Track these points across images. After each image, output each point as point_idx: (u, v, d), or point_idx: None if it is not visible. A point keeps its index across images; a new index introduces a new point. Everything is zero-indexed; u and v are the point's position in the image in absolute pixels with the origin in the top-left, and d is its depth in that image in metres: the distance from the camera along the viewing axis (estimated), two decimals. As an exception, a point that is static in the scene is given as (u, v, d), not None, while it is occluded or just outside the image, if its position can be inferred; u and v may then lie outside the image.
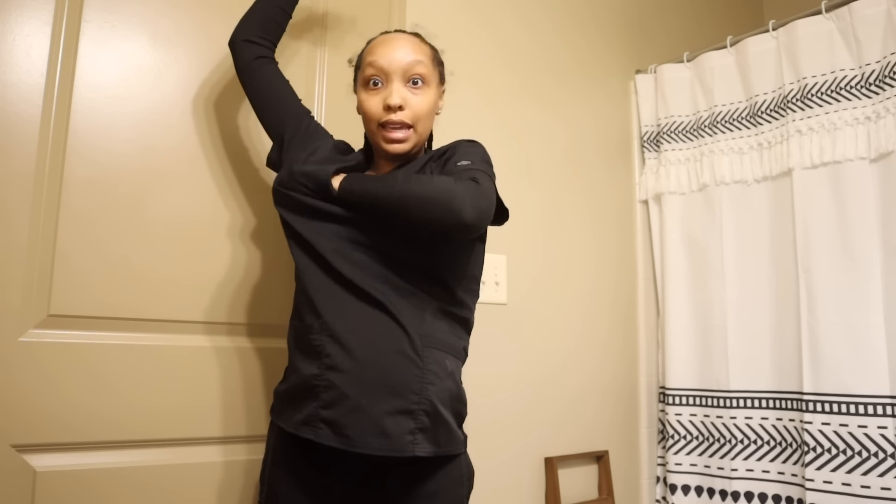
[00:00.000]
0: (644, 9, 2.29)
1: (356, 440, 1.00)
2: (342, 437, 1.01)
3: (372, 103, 1.12)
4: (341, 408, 1.01)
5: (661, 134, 2.11)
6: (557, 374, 1.88)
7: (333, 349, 1.03)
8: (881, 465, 1.58)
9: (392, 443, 1.01)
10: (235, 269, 1.37)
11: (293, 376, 1.09)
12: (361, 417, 1.01)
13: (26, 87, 1.20)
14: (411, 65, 1.11)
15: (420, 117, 1.12)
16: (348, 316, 1.05)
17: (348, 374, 1.02)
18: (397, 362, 1.03)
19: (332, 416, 1.02)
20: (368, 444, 1.00)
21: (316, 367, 1.04)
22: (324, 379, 1.03)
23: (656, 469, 2.05)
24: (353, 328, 1.04)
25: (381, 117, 1.11)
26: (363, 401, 1.01)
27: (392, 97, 1.09)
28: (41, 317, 1.18)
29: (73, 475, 1.18)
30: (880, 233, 1.65)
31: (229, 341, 1.36)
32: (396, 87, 1.10)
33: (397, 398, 1.01)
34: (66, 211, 1.21)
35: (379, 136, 1.12)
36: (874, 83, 1.69)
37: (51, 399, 1.18)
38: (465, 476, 1.12)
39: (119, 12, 1.30)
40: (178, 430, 1.29)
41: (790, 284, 1.79)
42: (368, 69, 1.13)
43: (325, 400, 1.02)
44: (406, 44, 1.14)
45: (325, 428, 1.02)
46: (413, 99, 1.11)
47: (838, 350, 1.66)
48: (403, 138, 1.11)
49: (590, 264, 2.01)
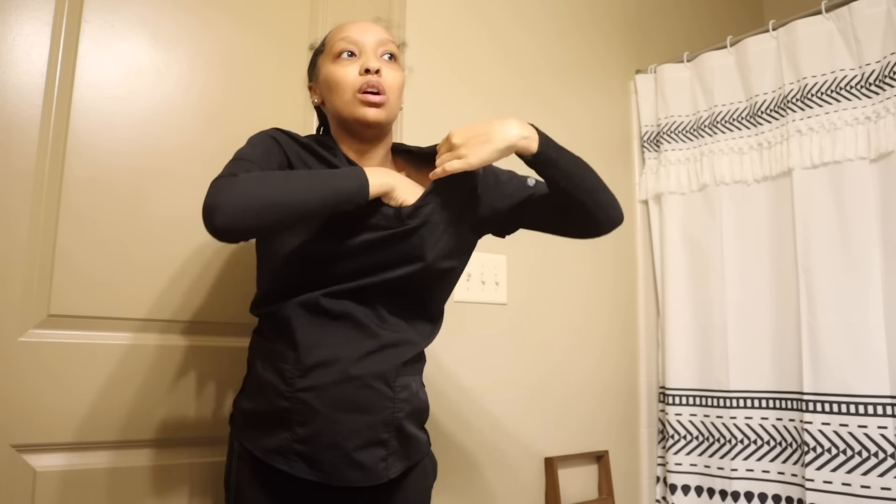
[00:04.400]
0: (644, 9, 2.29)
1: (332, 475, 1.01)
2: (318, 471, 1.01)
3: (346, 71, 1.07)
4: (316, 444, 1.00)
5: (661, 134, 2.11)
6: (557, 373, 1.88)
7: (307, 382, 1.01)
8: (881, 465, 1.58)
9: (367, 474, 1.02)
10: (236, 269, 1.37)
11: (260, 399, 1.05)
12: (336, 453, 1.00)
13: (26, 87, 1.20)
14: (384, 41, 1.11)
15: (393, 89, 1.09)
16: (325, 345, 1.03)
17: (322, 412, 1.00)
18: (371, 399, 1.02)
19: (306, 451, 1.01)
20: (345, 478, 1.01)
21: (287, 401, 1.01)
22: (297, 413, 1.01)
23: (656, 469, 2.05)
24: (329, 358, 1.02)
25: (359, 83, 1.06)
26: (338, 438, 1.00)
27: (371, 61, 1.06)
28: (41, 317, 1.19)
29: (73, 475, 1.19)
30: (880, 233, 1.65)
31: (230, 341, 1.36)
32: (372, 55, 1.09)
33: (370, 431, 1.02)
34: (66, 211, 1.21)
35: (355, 104, 1.07)
36: (874, 83, 1.69)
37: (51, 399, 1.18)
38: (430, 469, 1.16)
39: (119, 12, 1.30)
40: (178, 431, 1.29)
41: (790, 284, 1.79)
42: (341, 43, 1.09)
43: (300, 435, 1.00)
44: (376, 26, 1.14)
45: (299, 461, 1.01)
46: (387, 70, 1.10)
47: (838, 350, 1.66)
48: (381, 102, 1.07)
49: (590, 264, 2.01)
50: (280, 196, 0.92)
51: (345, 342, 1.03)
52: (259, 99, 1.44)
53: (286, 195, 0.93)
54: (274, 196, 0.92)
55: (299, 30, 1.50)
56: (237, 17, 1.43)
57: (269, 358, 1.06)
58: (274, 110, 1.45)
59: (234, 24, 1.43)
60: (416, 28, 1.69)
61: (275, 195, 0.92)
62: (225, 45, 1.41)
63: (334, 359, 1.02)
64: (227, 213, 0.89)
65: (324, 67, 1.12)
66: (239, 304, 1.37)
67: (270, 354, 1.06)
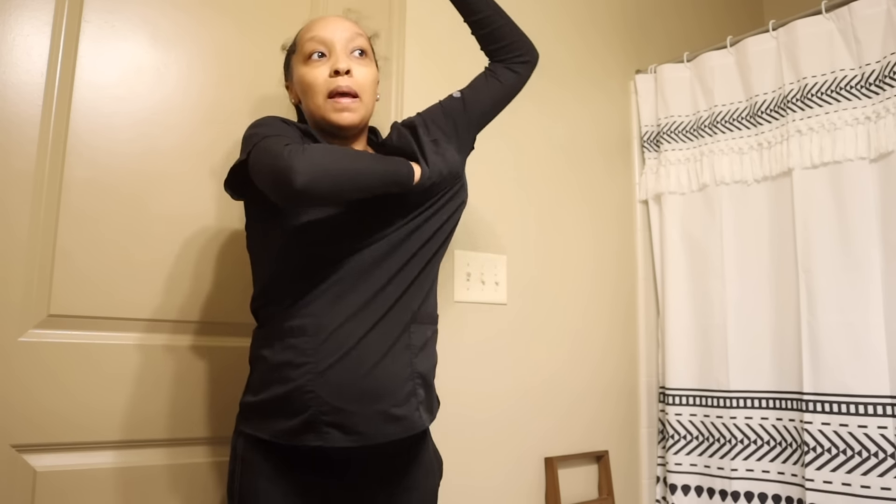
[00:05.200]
0: (644, 9, 2.29)
1: (370, 434, 1.02)
2: (354, 434, 1.01)
3: (317, 73, 1.09)
4: (348, 407, 1.01)
5: (661, 134, 2.11)
6: (557, 373, 1.88)
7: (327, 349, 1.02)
8: (881, 465, 1.58)
9: (404, 425, 1.04)
10: (236, 269, 1.37)
11: (276, 385, 1.04)
12: (371, 410, 1.02)
13: (26, 87, 1.20)
14: (353, 37, 1.12)
15: (365, 87, 1.11)
16: (336, 312, 1.04)
17: (348, 376, 1.01)
18: (395, 353, 1.05)
19: (335, 419, 1.01)
20: (385, 433, 1.03)
21: (309, 374, 1.01)
22: (322, 383, 1.01)
23: (656, 469, 2.05)
24: (343, 321, 1.04)
25: (329, 85, 1.08)
26: (368, 397, 1.02)
27: (340, 62, 1.08)
28: (41, 317, 1.19)
29: (73, 475, 1.19)
30: (880, 233, 1.65)
31: (230, 341, 1.36)
32: (341, 54, 1.10)
33: (398, 382, 1.05)
34: (66, 211, 1.21)
35: (327, 108, 1.09)
36: (874, 83, 1.69)
37: (51, 399, 1.18)
38: (437, 467, 1.18)
39: (119, 12, 1.30)
40: (179, 431, 1.29)
41: (790, 284, 1.79)
42: (310, 44, 1.11)
43: (331, 404, 1.01)
44: (345, 21, 1.14)
45: (332, 430, 1.01)
46: (358, 68, 1.11)
47: (838, 350, 1.66)
48: (353, 107, 1.09)
49: (590, 264, 2.01)
50: (351, 166, 0.97)
51: (351, 306, 1.04)
52: (259, 99, 1.44)
53: (356, 166, 0.98)
54: (346, 165, 0.97)
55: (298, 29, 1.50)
56: (237, 17, 1.43)
57: (280, 340, 1.05)
58: (274, 110, 1.45)
59: (234, 24, 1.43)
60: (417, 28, 1.69)
61: (347, 164, 0.97)
62: (225, 45, 1.41)
63: (348, 321, 1.03)
64: (306, 174, 0.91)
65: (296, 69, 1.14)
66: (239, 304, 1.37)
67: (281, 335, 1.05)
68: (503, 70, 1.24)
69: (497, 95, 1.24)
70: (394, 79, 1.63)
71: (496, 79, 1.23)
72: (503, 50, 1.24)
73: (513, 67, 1.24)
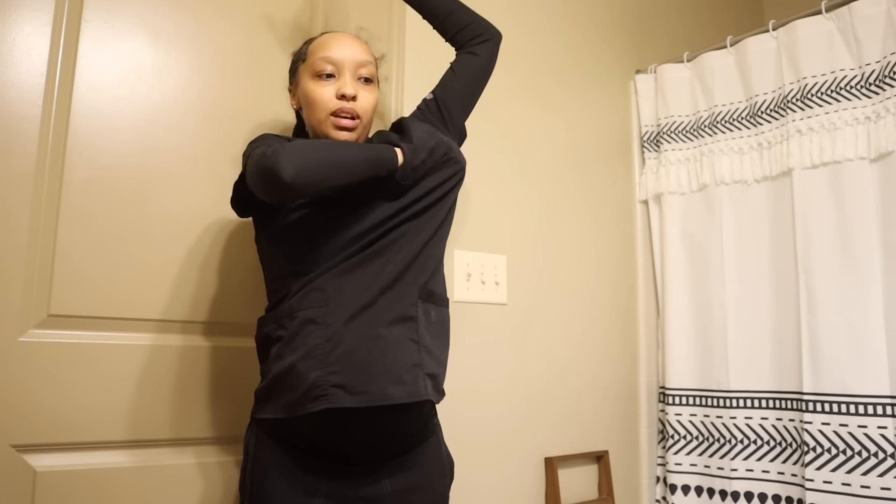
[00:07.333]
0: (644, 9, 2.29)
1: (375, 394, 1.02)
2: (360, 395, 1.02)
3: (323, 92, 1.15)
4: (348, 373, 1.02)
5: (661, 134, 2.11)
6: (557, 373, 1.88)
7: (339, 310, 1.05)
8: (881, 465, 1.58)
9: (409, 390, 1.05)
10: (237, 269, 1.37)
11: (286, 357, 1.06)
12: (376, 371, 1.03)
13: (26, 87, 1.20)
14: (363, 63, 1.17)
15: (367, 112, 1.17)
16: (348, 284, 1.07)
17: (345, 349, 1.04)
18: (394, 335, 1.07)
19: (343, 379, 1.02)
20: (390, 395, 1.03)
21: (324, 335, 1.04)
22: (334, 341, 1.03)
23: (656, 469, 2.05)
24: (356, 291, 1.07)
25: (333, 105, 1.14)
26: (371, 367, 1.03)
27: (347, 87, 1.14)
28: (41, 317, 1.19)
29: (73, 475, 1.19)
30: (880, 233, 1.65)
31: (231, 341, 1.36)
32: (349, 79, 1.15)
33: (400, 364, 1.06)
34: (66, 211, 1.21)
35: (328, 125, 1.15)
36: (874, 83, 1.69)
37: (51, 399, 1.18)
38: (448, 468, 1.20)
39: (119, 12, 1.30)
40: (179, 431, 1.29)
41: (790, 284, 1.79)
42: (321, 62, 1.15)
43: (331, 369, 1.02)
44: (357, 43, 1.19)
45: (338, 391, 1.01)
46: (363, 94, 1.16)
47: (838, 350, 1.66)
48: (353, 127, 1.15)
49: (590, 264, 2.01)
50: (333, 153, 1.03)
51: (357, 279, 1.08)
52: (259, 99, 1.44)
53: (337, 153, 1.03)
54: (328, 152, 1.02)
55: (299, 30, 1.50)
56: (237, 17, 1.43)
57: (289, 317, 1.07)
58: (273, 110, 1.45)
59: (234, 24, 1.43)
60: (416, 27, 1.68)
61: (328, 152, 1.02)
62: (225, 45, 1.41)
63: (355, 293, 1.06)
64: (292, 167, 0.96)
65: (303, 80, 1.19)
66: (239, 304, 1.37)
67: (290, 311, 1.07)
68: (464, 56, 1.30)
69: (467, 81, 1.29)
70: (393, 83, 1.63)
71: (461, 66, 1.29)
72: (462, 34, 1.30)
73: (474, 50, 1.30)
